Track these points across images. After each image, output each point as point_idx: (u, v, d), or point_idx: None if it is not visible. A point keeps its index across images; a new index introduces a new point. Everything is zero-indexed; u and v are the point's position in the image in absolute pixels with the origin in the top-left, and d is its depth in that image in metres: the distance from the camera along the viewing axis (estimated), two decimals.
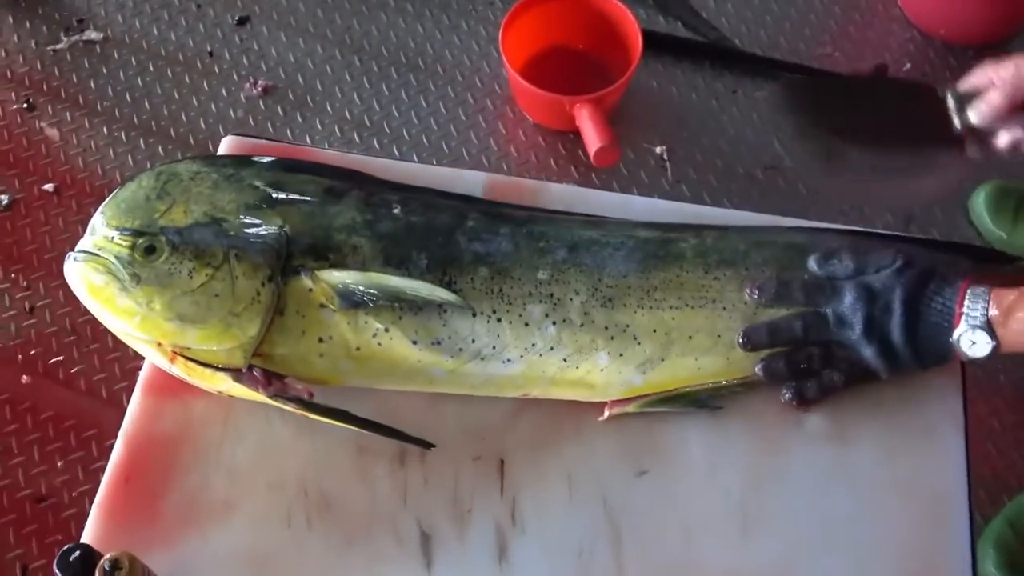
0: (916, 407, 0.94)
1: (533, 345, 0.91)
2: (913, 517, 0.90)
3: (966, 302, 0.85)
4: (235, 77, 1.56)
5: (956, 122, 0.94)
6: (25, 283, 1.38)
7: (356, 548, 0.88)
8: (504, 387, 0.93)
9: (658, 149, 1.51)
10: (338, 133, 1.51)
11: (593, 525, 0.90)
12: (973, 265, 0.95)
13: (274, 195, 0.93)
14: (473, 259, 0.92)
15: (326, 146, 1.33)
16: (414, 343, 0.90)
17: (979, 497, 1.24)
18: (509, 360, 0.91)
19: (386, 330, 0.90)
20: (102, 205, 0.93)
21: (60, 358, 1.32)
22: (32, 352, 1.31)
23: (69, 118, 1.53)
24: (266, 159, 0.98)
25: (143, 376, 0.96)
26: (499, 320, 0.91)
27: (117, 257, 0.88)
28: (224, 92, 1.55)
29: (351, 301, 0.90)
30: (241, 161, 0.98)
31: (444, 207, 0.96)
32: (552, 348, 0.91)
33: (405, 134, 1.52)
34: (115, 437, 0.90)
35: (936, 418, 0.94)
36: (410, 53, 1.60)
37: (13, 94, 1.53)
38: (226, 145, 1.09)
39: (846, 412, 0.94)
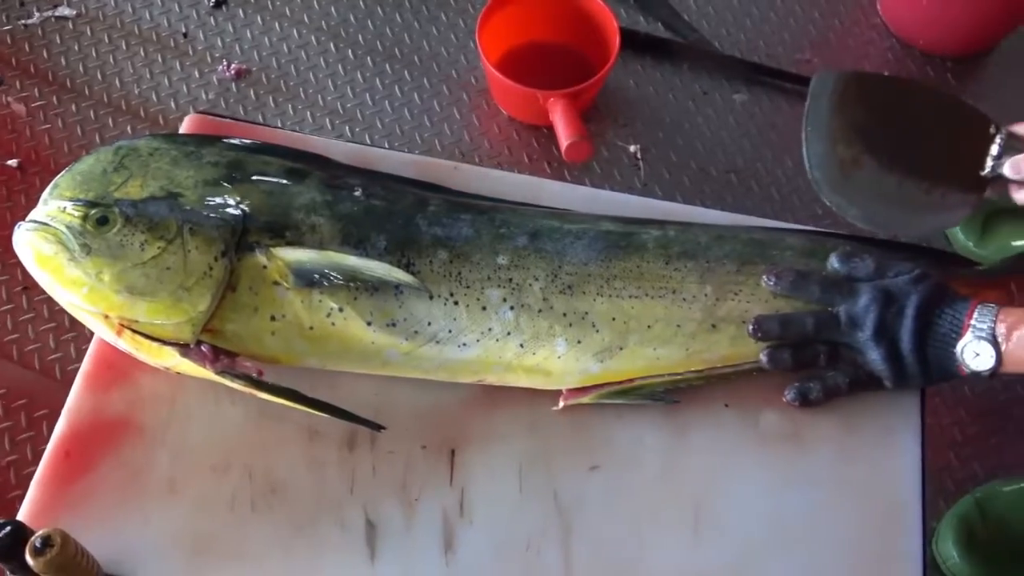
0: (873, 409, 0.93)
1: (490, 330, 0.90)
2: (867, 519, 0.89)
3: (975, 315, 0.85)
4: (208, 59, 1.54)
5: (989, 165, 0.93)
6: None
7: (299, 535, 0.87)
8: (459, 372, 0.91)
9: (632, 148, 1.49)
10: (310, 119, 1.49)
11: (543, 519, 0.88)
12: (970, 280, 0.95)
13: (234, 173, 0.92)
14: (432, 242, 0.91)
15: (297, 132, 1.31)
16: (369, 324, 0.89)
17: (939, 507, 1.23)
18: (465, 344, 0.90)
19: (340, 310, 0.89)
20: (57, 177, 0.91)
21: (15, 336, 1.29)
22: None
23: (37, 94, 1.50)
24: (229, 139, 0.97)
25: (91, 351, 0.94)
26: (456, 303, 0.90)
27: (68, 227, 0.87)
28: (197, 74, 1.53)
29: (306, 280, 0.88)
30: (203, 140, 0.97)
31: (407, 192, 0.95)
32: (509, 333, 0.90)
33: (378, 123, 1.49)
34: None
35: (893, 421, 0.93)
36: (387, 42, 1.58)
37: None
38: (189, 123, 1.07)
39: (803, 412, 0.93)
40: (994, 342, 0.84)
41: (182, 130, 1.06)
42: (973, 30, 1.62)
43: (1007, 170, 0.93)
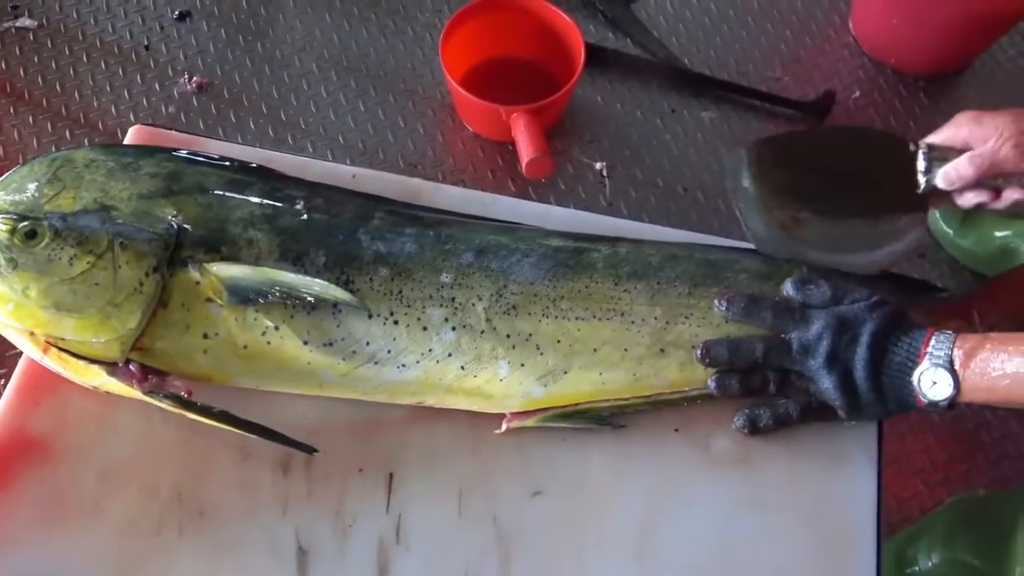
0: (828, 433, 0.90)
1: (430, 351, 0.87)
2: (818, 547, 0.86)
3: (932, 342, 0.82)
4: (170, 72, 1.52)
5: (922, 181, 0.91)
6: None
7: (228, 559, 0.83)
8: (398, 393, 0.88)
9: (598, 165, 1.47)
10: (271, 134, 1.47)
11: (482, 545, 0.85)
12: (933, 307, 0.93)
13: (171, 185, 0.89)
14: (374, 258, 0.88)
15: (258, 146, 1.28)
16: (305, 343, 0.86)
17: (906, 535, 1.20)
18: (404, 365, 0.87)
19: (276, 328, 0.86)
20: None
21: None
22: None
23: None
24: (169, 150, 0.94)
25: (21, 365, 0.91)
26: (396, 323, 0.87)
27: None
28: (158, 86, 1.51)
29: (241, 297, 0.85)
30: (142, 151, 0.94)
31: (351, 205, 0.92)
32: (450, 355, 0.87)
33: (340, 138, 1.47)
34: None
35: (848, 446, 0.90)
36: (352, 56, 1.56)
37: None
38: (133, 135, 1.04)
39: (755, 438, 0.90)
40: (952, 369, 0.81)
41: (126, 142, 1.03)
42: (945, 50, 1.62)
43: (940, 182, 0.91)
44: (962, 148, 0.91)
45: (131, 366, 0.84)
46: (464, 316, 0.88)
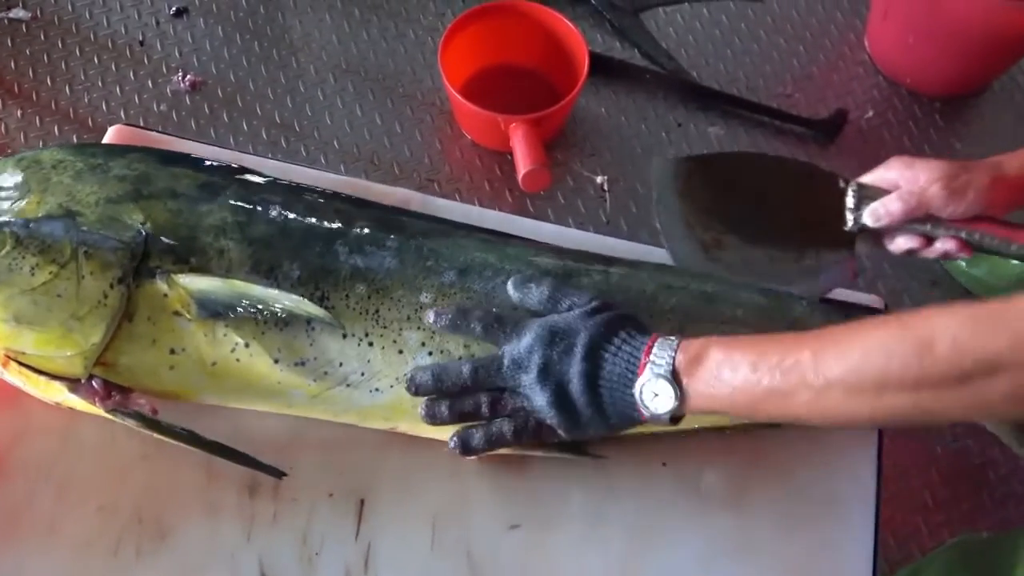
0: (823, 476, 0.86)
1: (406, 375, 0.82)
2: None
3: (653, 351, 0.75)
4: (164, 69, 1.48)
5: (850, 219, 0.89)
6: None
7: None
8: (370, 417, 0.84)
9: (599, 179, 1.43)
10: (264, 136, 1.43)
11: None
12: None
13: (140, 189, 0.85)
14: (351, 274, 0.84)
15: (250, 149, 1.25)
16: (276, 362, 0.82)
17: None
18: (378, 389, 0.83)
19: (246, 345, 0.82)
20: None
21: None
22: None
23: None
24: (143, 150, 0.90)
25: None
26: (371, 344, 0.83)
27: None
28: (150, 84, 1.47)
29: (210, 311, 0.81)
30: (113, 151, 0.89)
31: (329, 212, 0.88)
32: None
33: (335, 143, 1.43)
34: None
35: (843, 487, 0.86)
36: (351, 59, 1.52)
37: None
38: (114, 135, 1.01)
39: (747, 476, 0.86)
40: (673, 380, 0.73)
41: (105, 142, 0.99)
42: (963, 71, 1.57)
43: (867, 219, 0.88)
44: (892, 189, 0.88)
45: (94, 382, 0.80)
46: (442, 341, 0.83)
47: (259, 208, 0.86)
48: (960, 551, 1.16)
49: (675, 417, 0.75)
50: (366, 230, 0.87)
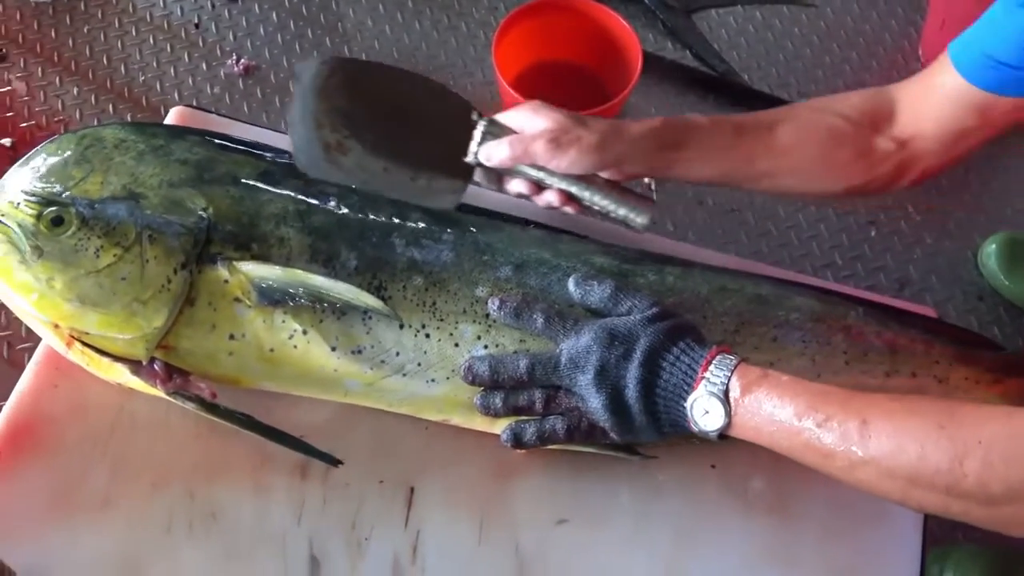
0: None
1: (461, 367, 0.83)
2: None
3: (711, 367, 0.74)
4: (218, 52, 1.50)
5: (471, 152, 0.87)
6: None
7: (236, 565, 0.80)
8: (424, 408, 0.85)
9: (646, 179, 1.42)
10: None
11: (501, 572, 0.82)
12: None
13: (202, 174, 0.85)
14: (408, 265, 0.85)
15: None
16: (333, 349, 0.83)
17: None
18: (433, 380, 0.84)
19: (304, 333, 0.82)
20: (15, 165, 0.85)
21: None
22: None
23: (40, 73, 1.46)
24: (200, 133, 0.91)
25: (41, 348, 0.89)
26: (427, 336, 0.83)
27: (20, 225, 0.80)
28: (204, 66, 1.49)
29: (269, 298, 0.82)
30: (174, 133, 0.90)
31: (387, 203, 0.88)
32: None
33: None
34: None
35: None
36: (403, 49, 1.53)
37: None
38: (175, 116, 1.02)
39: (794, 483, 0.86)
40: (726, 400, 0.73)
41: (166, 122, 1.00)
42: None
43: (481, 156, 0.87)
44: (516, 132, 0.86)
45: (155, 365, 0.81)
46: (497, 335, 0.84)
47: (317, 198, 0.87)
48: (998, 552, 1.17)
49: (723, 435, 0.74)
50: (422, 223, 0.87)
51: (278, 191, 0.86)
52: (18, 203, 0.81)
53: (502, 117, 0.88)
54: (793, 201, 1.42)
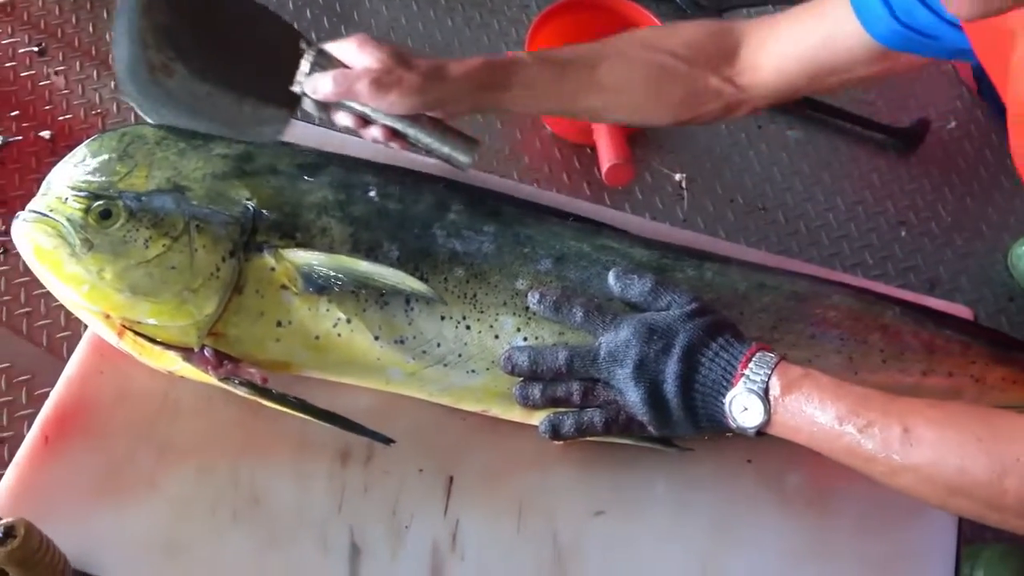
0: None
1: (501, 358, 0.84)
2: None
3: (750, 364, 0.74)
4: None
5: (299, 79, 0.86)
6: (4, 227, 1.34)
7: (278, 550, 0.82)
8: (464, 399, 0.86)
9: (677, 176, 1.44)
10: None
11: (538, 562, 0.83)
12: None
13: (243, 166, 0.87)
14: (449, 257, 0.86)
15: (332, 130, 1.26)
16: (376, 338, 0.84)
17: None
18: (473, 371, 0.85)
19: (348, 321, 0.84)
20: (60, 162, 0.87)
21: (27, 310, 1.27)
22: None
23: (78, 67, 1.48)
24: None
25: (87, 336, 0.90)
26: (468, 327, 0.85)
27: (69, 220, 0.82)
28: None
29: (315, 285, 0.83)
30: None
31: (426, 193, 0.89)
32: None
33: None
34: None
35: None
36: (436, 46, 1.55)
37: (27, 36, 1.49)
38: None
39: (830, 478, 0.87)
40: (765, 398, 0.73)
41: None
42: None
43: (307, 88, 0.86)
44: (347, 66, 0.86)
45: (206, 352, 0.82)
46: (537, 327, 0.85)
47: (358, 189, 0.88)
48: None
49: (760, 432, 0.75)
50: (463, 215, 0.88)
51: (318, 181, 0.87)
52: (66, 198, 0.83)
53: (331, 47, 0.87)
54: (823, 200, 1.43)
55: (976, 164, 1.52)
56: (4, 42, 1.48)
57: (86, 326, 0.88)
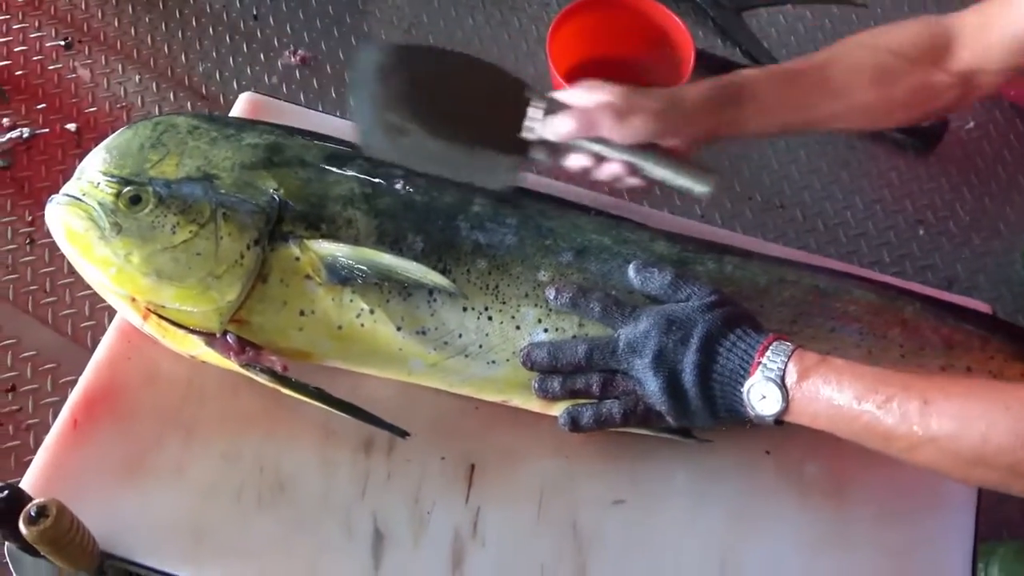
0: (925, 473, 0.85)
1: (522, 350, 0.85)
2: None
3: (767, 353, 0.75)
4: (276, 43, 1.53)
5: (530, 127, 0.88)
6: (31, 218, 1.36)
7: (303, 535, 0.83)
8: (485, 389, 0.87)
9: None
10: None
11: (558, 549, 0.84)
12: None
13: (272, 157, 0.88)
14: (472, 249, 0.87)
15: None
16: (398, 329, 0.85)
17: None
18: (494, 362, 0.86)
19: (371, 312, 0.85)
20: (94, 149, 0.89)
21: (52, 299, 1.29)
22: (24, 289, 1.28)
23: (104, 61, 1.50)
24: (270, 125, 0.94)
25: (116, 323, 0.92)
26: (490, 319, 0.86)
27: (100, 204, 0.84)
28: (263, 56, 1.52)
29: (338, 276, 0.84)
30: (244, 122, 0.94)
31: (450, 186, 0.91)
32: None
33: None
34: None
35: (946, 487, 0.87)
36: (456, 43, 1.56)
37: (53, 30, 1.52)
38: (243, 102, 1.05)
39: (848, 469, 0.87)
40: (783, 385, 0.74)
41: (236, 108, 1.04)
42: None
43: (546, 133, 0.87)
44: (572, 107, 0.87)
45: (228, 337, 0.84)
46: (558, 319, 0.86)
47: (383, 181, 0.89)
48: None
49: (779, 420, 0.75)
50: (486, 207, 0.89)
51: (344, 173, 0.89)
52: (98, 183, 0.85)
53: (558, 94, 0.90)
54: (841, 198, 1.43)
55: (995, 164, 1.52)
56: (32, 36, 1.51)
57: (112, 315, 0.90)
